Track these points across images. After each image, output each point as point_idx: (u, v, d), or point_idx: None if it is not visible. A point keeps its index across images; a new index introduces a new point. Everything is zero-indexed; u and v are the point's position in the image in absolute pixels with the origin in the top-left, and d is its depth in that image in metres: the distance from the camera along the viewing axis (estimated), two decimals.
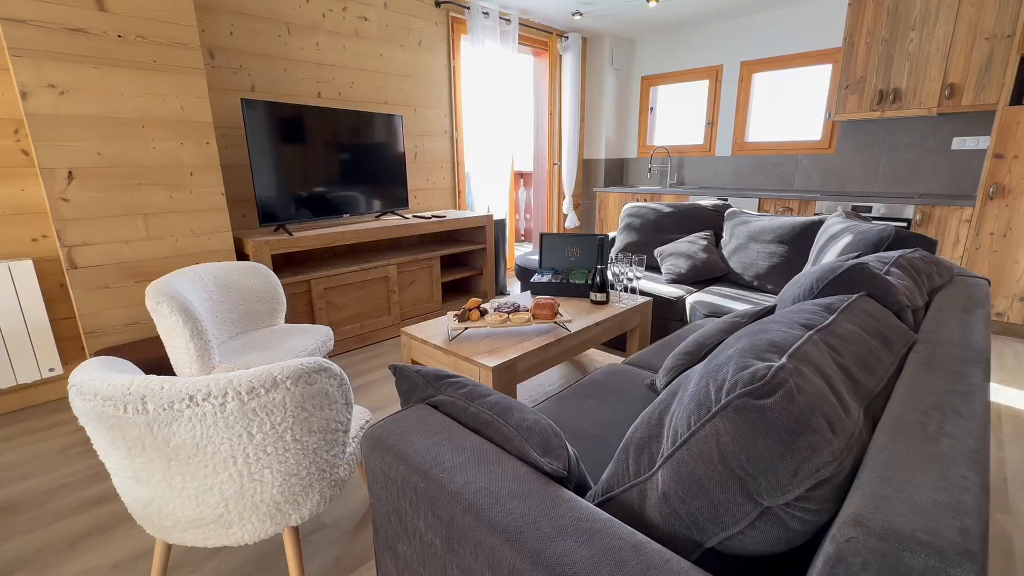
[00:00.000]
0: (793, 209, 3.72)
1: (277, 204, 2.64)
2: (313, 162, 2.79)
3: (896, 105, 3.40)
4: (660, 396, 0.93)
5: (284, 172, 2.65)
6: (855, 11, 3.47)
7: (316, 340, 2.07)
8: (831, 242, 1.95)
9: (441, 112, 3.82)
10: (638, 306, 2.22)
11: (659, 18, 4.28)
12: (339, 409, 1.17)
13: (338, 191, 2.94)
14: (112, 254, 2.12)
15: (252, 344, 2.00)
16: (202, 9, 2.57)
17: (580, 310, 2.13)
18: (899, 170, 3.73)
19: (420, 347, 1.84)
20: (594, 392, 1.46)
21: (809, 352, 0.77)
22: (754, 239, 2.58)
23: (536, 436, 0.89)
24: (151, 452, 1.00)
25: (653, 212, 3.10)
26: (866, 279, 1.13)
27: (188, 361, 1.75)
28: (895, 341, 0.99)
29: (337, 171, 2.92)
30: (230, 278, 2.15)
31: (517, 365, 1.66)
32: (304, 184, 2.76)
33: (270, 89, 2.88)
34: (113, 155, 2.06)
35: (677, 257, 2.78)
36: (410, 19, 3.47)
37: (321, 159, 2.83)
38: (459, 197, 4.11)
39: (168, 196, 2.22)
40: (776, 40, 4.13)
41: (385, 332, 3.09)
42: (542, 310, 1.85)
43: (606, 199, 4.85)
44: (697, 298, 2.44)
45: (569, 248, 2.55)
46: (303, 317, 2.71)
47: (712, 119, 4.63)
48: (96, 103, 1.99)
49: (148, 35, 2.07)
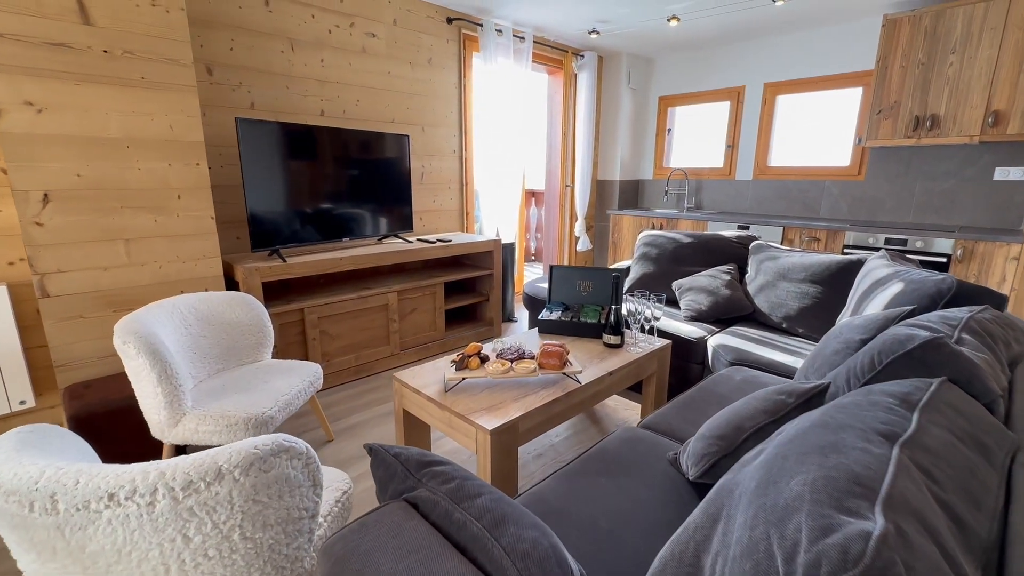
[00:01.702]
0: (820, 240, 3.50)
1: (271, 228, 2.49)
2: (312, 184, 2.64)
3: (934, 132, 3.19)
4: (692, 517, 0.73)
5: (280, 195, 2.51)
6: (889, 33, 3.28)
7: (302, 381, 1.90)
8: (876, 289, 1.74)
9: (450, 131, 3.68)
10: (656, 351, 2.02)
11: (680, 37, 4.12)
12: (304, 494, 0.98)
13: (338, 214, 2.79)
14: (89, 282, 1.97)
15: (231, 384, 1.83)
16: (200, 24, 2.45)
17: (591, 354, 1.94)
18: (935, 200, 3.49)
19: (413, 397, 1.65)
20: (607, 467, 1.25)
21: (906, 493, 0.57)
22: (783, 277, 2.37)
23: (535, 567, 0.69)
24: (64, 558, 0.81)
25: (671, 242, 2.90)
26: (946, 359, 0.92)
27: (155, 407, 1.59)
28: (995, 449, 0.78)
29: (338, 193, 2.77)
30: (213, 310, 1.99)
31: (519, 426, 1.46)
32: (301, 207, 2.61)
33: (271, 107, 2.76)
34: (94, 177, 1.93)
35: (697, 292, 2.58)
36: (420, 36, 3.35)
37: (321, 180, 2.69)
38: (467, 218, 3.95)
39: (152, 220, 2.08)
40: (802, 62, 3.95)
41: (383, 363, 2.91)
42: (549, 359, 1.65)
43: (620, 222, 4.67)
44: (720, 340, 2.23)
45: (581, 281, 2.36)
46: (294, 348, 2.54)
47: (733, 141, 4.44)
48: (77, 122, 1.87)
49: (137, 51, 1.95)
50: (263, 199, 2.44)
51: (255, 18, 2.63)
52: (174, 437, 1.62)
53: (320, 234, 2.72)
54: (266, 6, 2.65)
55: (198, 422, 1.60)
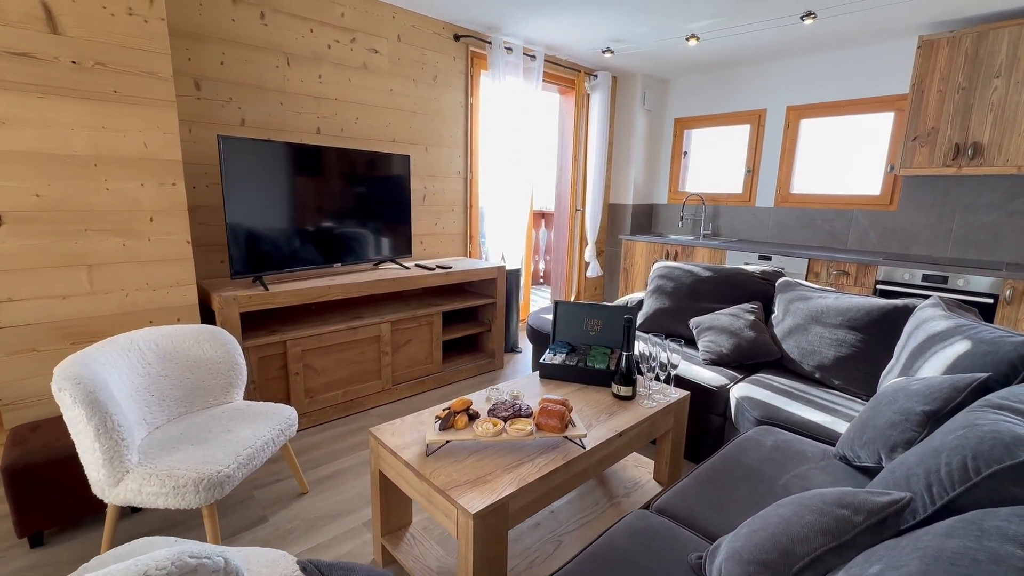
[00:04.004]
0: (850, 273, 3.24)
1: (254, 253, 2.31)
2: (301, 206, 2.47)
3: (976, 161, 2.94)
4: None
5: (265, 217, 2.33)
6: (925, 55, 3.06)
7: (271, 430, 1.68)
8: (934, 345, 1.49)
9: (455, 151, 3.51)
10: (672, 404, 1.77)
11: (698, 58, 3.94)
12: None
13: (330, 238, 2.61)
14: (45, 311, 1.79)
15: (189, 433, 1.62)
16: (189, 37, 2.32)
17: (598, 408, 1.70)
18: (976, 234, 3.22)
19: (389, 459, 1.43)
20: (615, 573, 1.01)
21: None
22: (816, 320, 2.12)
23: None
24: None
25: (688, 275, 2.67)
26: None
27: (94, 464, 1.38)
28: None
29: (330, 216, 2.59)
30: (178, 346, 1.79)
31: (510, 505, 1.22)
32: (289, 231, 2.43)
33: (263, 123, 2.60)
34: (56, 197, 1.76)
35: (718, 333, 2.33)
36: (425, 52, 3.21)
37: (311, 203, 2.51)
38: (471, 242, 3.75)
39: (120, 244, 1.90)
40: (829, 84, 3.74)
41: (373, 399, 2.69)
42: (549, 419, 1.42)
43: (633, 248, 4.44)
44: (744, 391, 1.98)
45: (588, 320, 2.14)
46: (275, 384, 2.33)
47: (753, 166, 4.22)
48: (38, 138, 1.71)
49: (110, 62, 1.79)
50: (246, 222, 2.26)
51: (249, 32, 2.49)
52: (115, 498, 1.40)
53: (309, 260, 2.53)
54: (261, 19, 2.52)
55: (142, 482, 1.39)
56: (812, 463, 1.45)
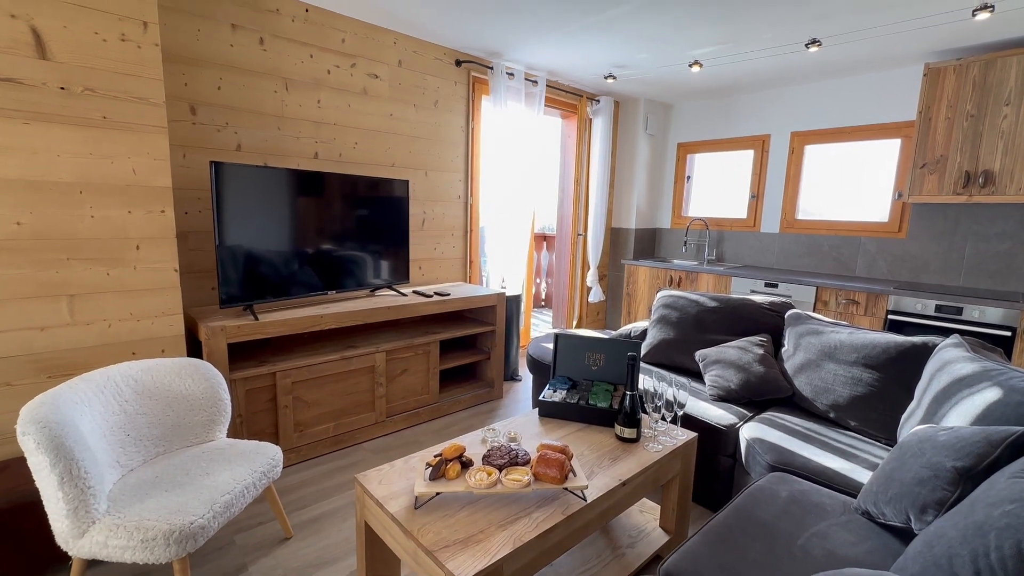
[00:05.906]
0: (859, 303, 3.14)
1: (245, 281, 2.24)
2: (296, 232, 2.41)
3: (988, 189, 2.87)
4: None
5: (259, 244, 2.27)
6: (932, 83, 3.02)
7: (253, 472, 1.58)
8: (960, 391, 1.39)
9: (455, 176, 3.47)
10: (680, 448, 1.67)
11: (701, 83, 3.93)
12: None
13: (324, 265, 2.54)
14: (22, 343, 1.71)
15: (165, 477, 1.52)
16: (185, 62, 2.29)
17: (601, 451, 1.59)
18: (989, 263, 3.14)
19: (375, 510, 1.32)
20: None
21: None
22: (829, 356, 2.02)
23: None
24: None
25: (694, 305, 2.58)
26: None
27: (57, 514, 1.28)
28: None
29: (325, 242, 2.53)
30: (158, 381, 1.70)
31: (504, 569, 1.12)
32: (282, 257, 2.36)
33: (260, 148, 2.56)
34: (38, 226, 1.70)
35: (725, 367, 2.23)
36: (426, 78, 3.19)
37: (307, 229, 2.45)
38: (471, 267, 3.68)
39: (104, 273, 1.83)
40: (833, 110, 3.70)
41: (366, 432, 2.59)
42: (548, 468, 1.32)
43: (636, 272, 4.36)
44: (755, 432, 1.87)
45: (590, 354, 2.04)
46: (263, 417, 2.24)
47: (757, 192, 4.16)
48: (22, 164, 1.65)
49: (100, 88, 1.75)
50: (237, 249, 2.20)
51: (247, 57, 2.47)
52: (79, 550, 1.30)
53: (302, 288, 2.46)
54: (260, 45, 2.50)
55: (108, 533, 1.28)
56: (832, 518, 1.34)
